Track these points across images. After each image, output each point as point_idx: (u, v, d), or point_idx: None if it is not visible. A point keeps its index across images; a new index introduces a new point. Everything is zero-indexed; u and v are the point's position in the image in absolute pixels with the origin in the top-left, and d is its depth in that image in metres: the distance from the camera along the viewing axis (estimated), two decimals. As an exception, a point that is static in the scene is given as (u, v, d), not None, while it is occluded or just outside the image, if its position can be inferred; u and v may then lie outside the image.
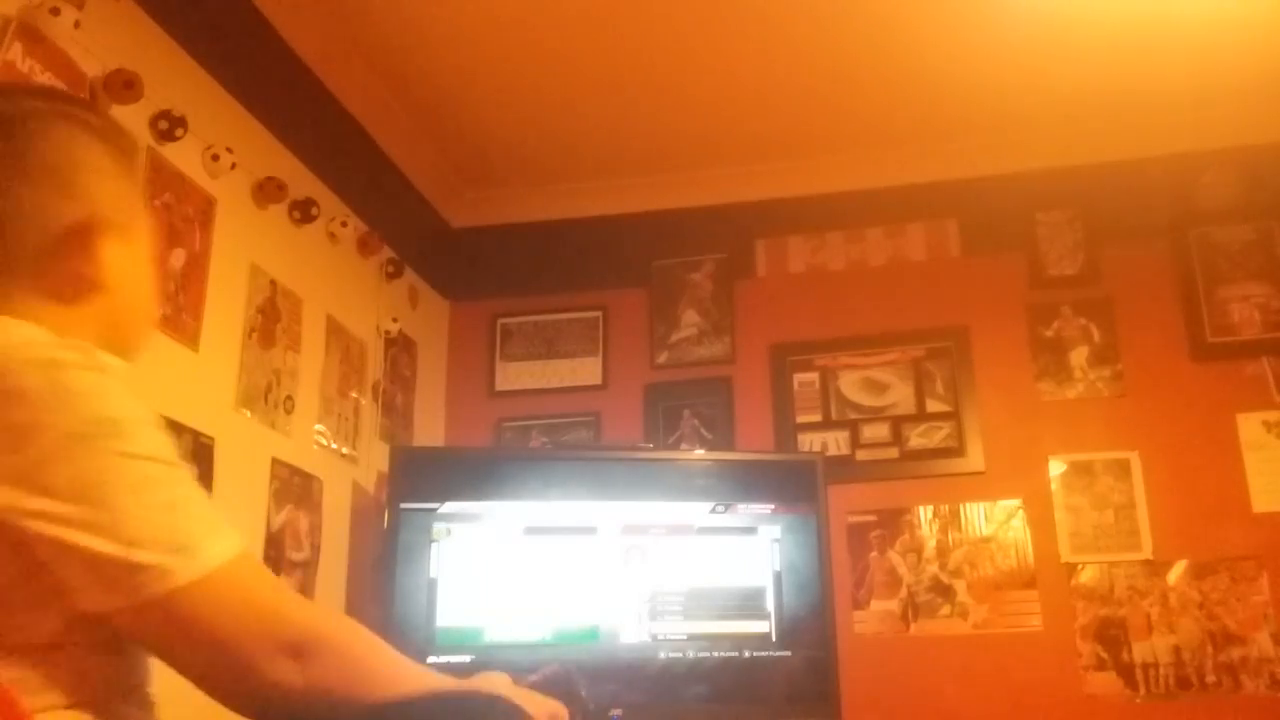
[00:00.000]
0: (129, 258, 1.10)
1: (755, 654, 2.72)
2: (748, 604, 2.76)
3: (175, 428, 2.23)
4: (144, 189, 1.12)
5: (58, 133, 1.05)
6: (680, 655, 2.69)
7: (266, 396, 2.58)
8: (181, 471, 0.95)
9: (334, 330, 2.92)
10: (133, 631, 0.93)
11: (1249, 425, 3.08)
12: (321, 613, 1.07)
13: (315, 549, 2.70)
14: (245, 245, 2.55)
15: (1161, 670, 2.96)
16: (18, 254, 1.01)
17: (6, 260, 1.00)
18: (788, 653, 2.73)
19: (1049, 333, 3.28)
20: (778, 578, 2.77)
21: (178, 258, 2.29)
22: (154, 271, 1.19)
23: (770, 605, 2.76)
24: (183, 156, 2.31)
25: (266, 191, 2.60)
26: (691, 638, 2.71)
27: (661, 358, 3.52)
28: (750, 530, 2.81)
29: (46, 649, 0.90)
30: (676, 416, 3.43)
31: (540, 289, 3.66)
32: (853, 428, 3.32)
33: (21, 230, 1.01)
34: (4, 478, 0.86)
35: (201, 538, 0.92)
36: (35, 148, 1.03)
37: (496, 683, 1.07)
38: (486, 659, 2.62)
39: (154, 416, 0.96)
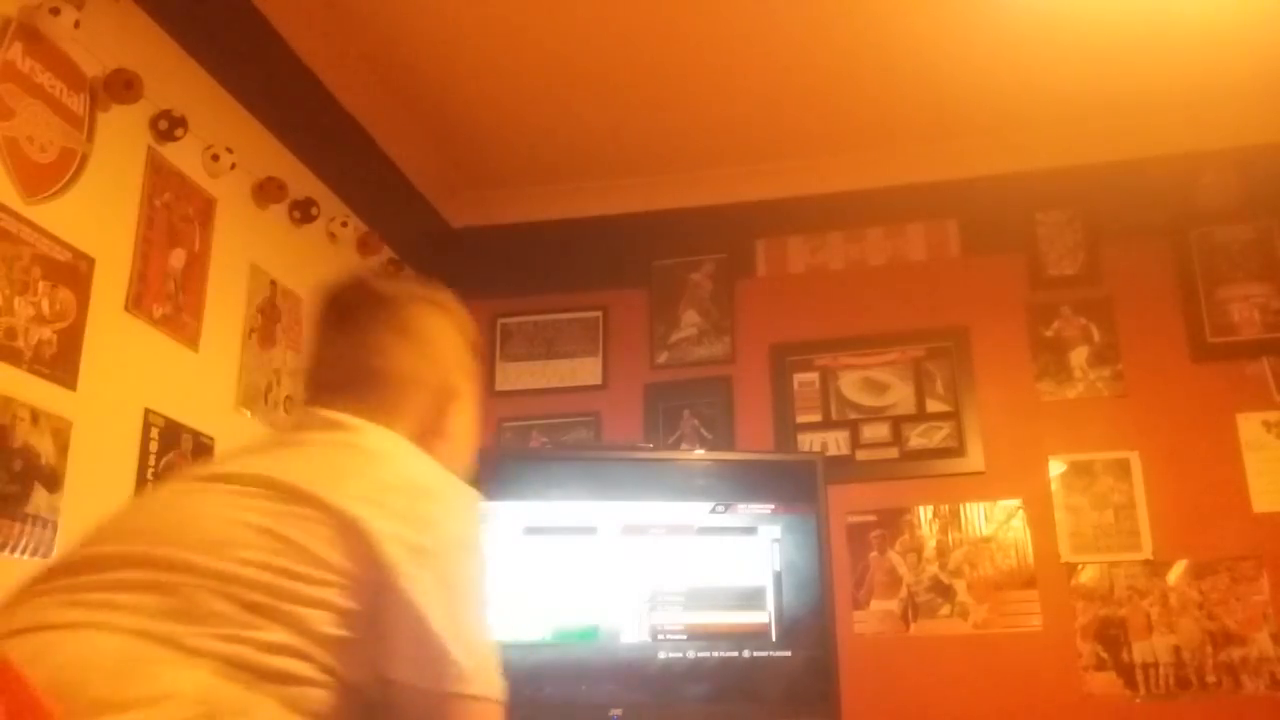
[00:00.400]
0: (465, 417, 1.43)
1: (755, 654, 2.72)
2: (748, 604, 2.75)
3: (175, 428, 2.23)
4: (476, 359, 1.51)
5: (428, 314, 1.40)
6: (680, 655, 2.69)
7: (266, 396, 2.58)
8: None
9: (334, 330, 2.92)
10: (398, 707, 1.12)
11: (1249, 425, 3.08)
12: None
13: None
14: (245, 245, 2.55)
15: (1161, 670, 2.96)
16: (398, 398, 1.33)
17: (394, 400, 1.33)
18: (788, 652, 2.72)
19: (1049, 333, 3.28)
20: (778, 577, 2.77)
21: (178, 258, 2.29)
22: (478, 426, 1.49)
23: (770, 605, 2.75)
24: (183, 156, 2.31)
25: (266, 191, 2.61)
26: (691, 637, 2.71)
27: (661, 358, 3.52)
28: (750, 530, 2.81)
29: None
30: (676, 416, 3.43)
31: (540, 289, 3.66)
32: (853, 428, 3.32)
33: (402, 382, 1.35)
34: (404, 545, 1.11)
35: (495, 670, 1.16)
36: (413, 324, 1.38)
37: None
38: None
39: None
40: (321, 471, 1.17)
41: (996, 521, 3.16)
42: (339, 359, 1.37)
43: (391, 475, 1.21)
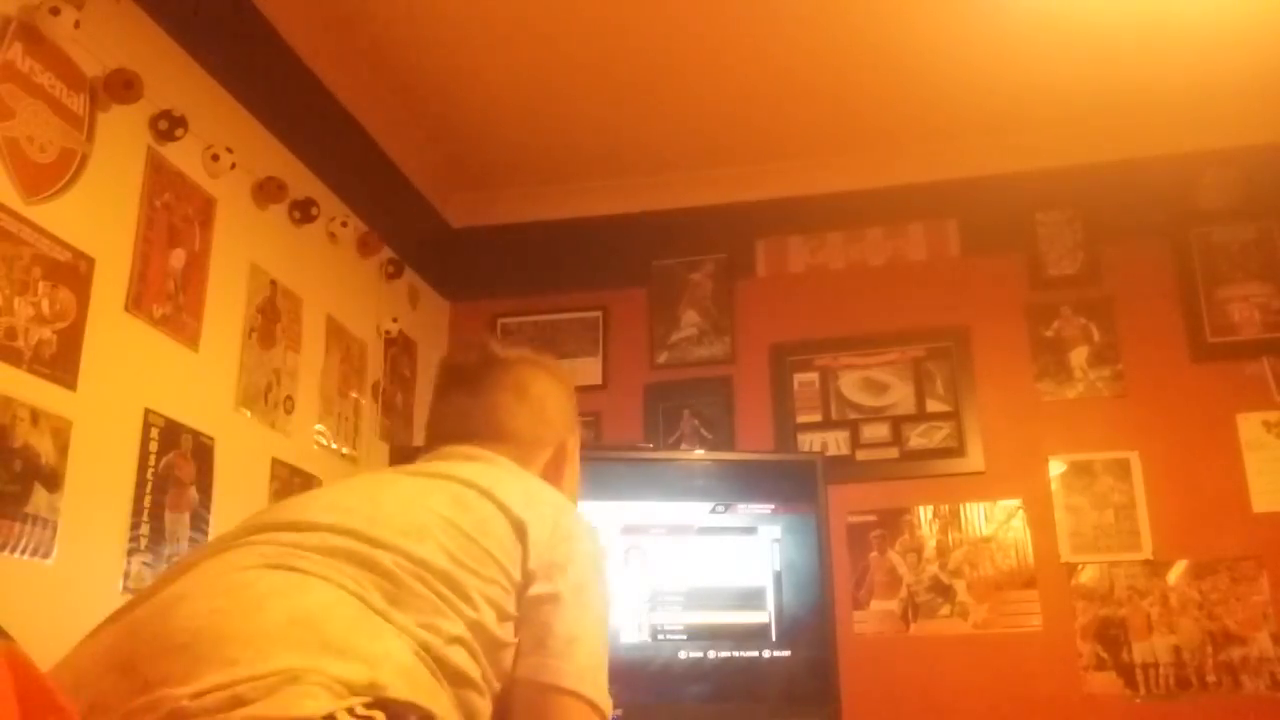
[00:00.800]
0: (573, 468, 1.58)
1: (755, 654, 2.71)
2: (748, 604, 2.75)
3: (175, 428, 2.23)
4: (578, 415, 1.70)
5: (540, 377, 1.57)
6: (680, 655, 2.69)
7: (266, 396, 2.58)
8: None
9: (334, 330, 2.92)
10: (511, 702, 1.19)
11: (1249, 425, 3.08)
12: None
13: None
14: (245, 245, 2.55)
15: (1161, 670, 2.96)
16: (522, 451, 1.48)
17: (519, 453, 1.47)
18: (788, 652, 2.72)
19: (1049, 333, 3.28)
20: (778, 577, 2.77)
21: (178, 258, 2.29)
22: (580, 476, 1.62)
23: (770, 605, 2.75)
24: (183, 156, 2.31)
25: (266, 191, 2.60)
26: (691, 637, 2.70)
27: (661, 358, 3.52)
28: (750, 530, 2.80)
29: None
30: (676, 416, 3.43)
31: (540, 289, 3.66)
32: (853, 428, 3.32)
33: (523, 438, 1.49)
34: (549, 552, 1.24)
35: (604, 682, 1.23)
36: (529, 388, 1.54)
37: None
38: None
39: None
40: (486, 475, 1.31)
41: (996, 521, 3.16)
42: (465, 415, 1.51)
43: (538, 487, 1.37)
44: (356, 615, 1.08)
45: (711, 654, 2.70)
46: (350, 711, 0.95)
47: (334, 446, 2.86)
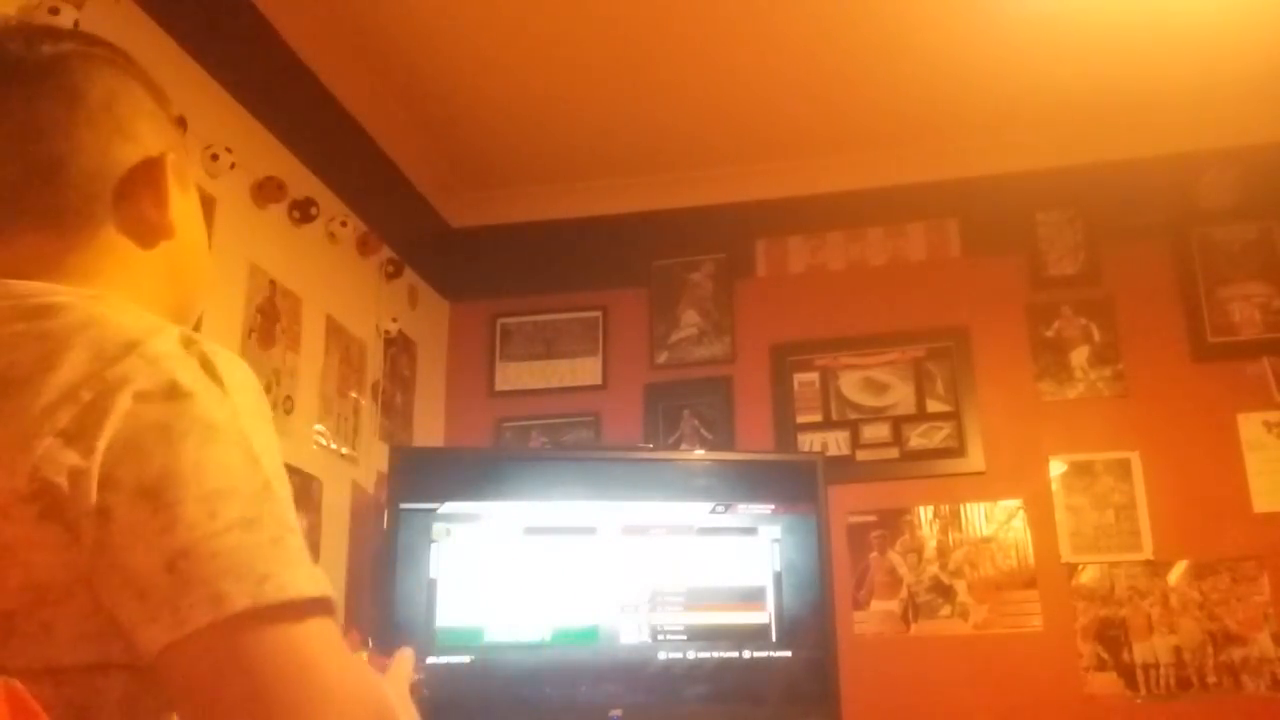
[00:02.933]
0: (188, 202, 1.02)
1: (755, 654, 2.72)
2: (748, 604, 2.75)
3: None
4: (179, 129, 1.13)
5: (105, 75, 0.97)
6: (680, 655, 2.69)
7: (266, 396, 2.58)
8: (277, 492, 0.81)
9: (333, 330, 2.92)
10: (180, 688, 0.76)
11: (1250, 425, 3.07)
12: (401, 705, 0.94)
13: (315, 549, 2.70)
14: (244, 245, 2.55)
15: (1162, 671, 2.96)
16: (91, 196, 0.93)
17: (84, 203, 0.93)
18: (788, 653, 2.72)
19: (1049, 333, 3.27)
20: (778, 578, 2.77)
21: (177, 257, 2.28)
22: (203, 222, 1.08)
23: (770, 605, 2.75)
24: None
25: (266, 191, 2.60)
26: (691, 638, 2.71)
27: (661, 358, 3.52)
28: (750, 530, 2.81)
29: None
30: (676, 416, 3.43)
31: (540, 289, 3.66)
32: (853, 428, 3.32)
33: (91, 173, 0.93)
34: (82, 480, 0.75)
35: (291, 563, 0.77)
36: (88, 90, 0.95)
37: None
38: (486, 659, 2.62)
39: (267, 418, 0.88)
40: None
41: (997, 522, 3.16)
42: None
43: (47, 399, 0.77)
44: None
45: (711, 654, 2.70)
46: None
47: (333, 447, 2.85)
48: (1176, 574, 3.02)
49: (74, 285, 0.89)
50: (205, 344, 0.84)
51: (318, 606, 0.77)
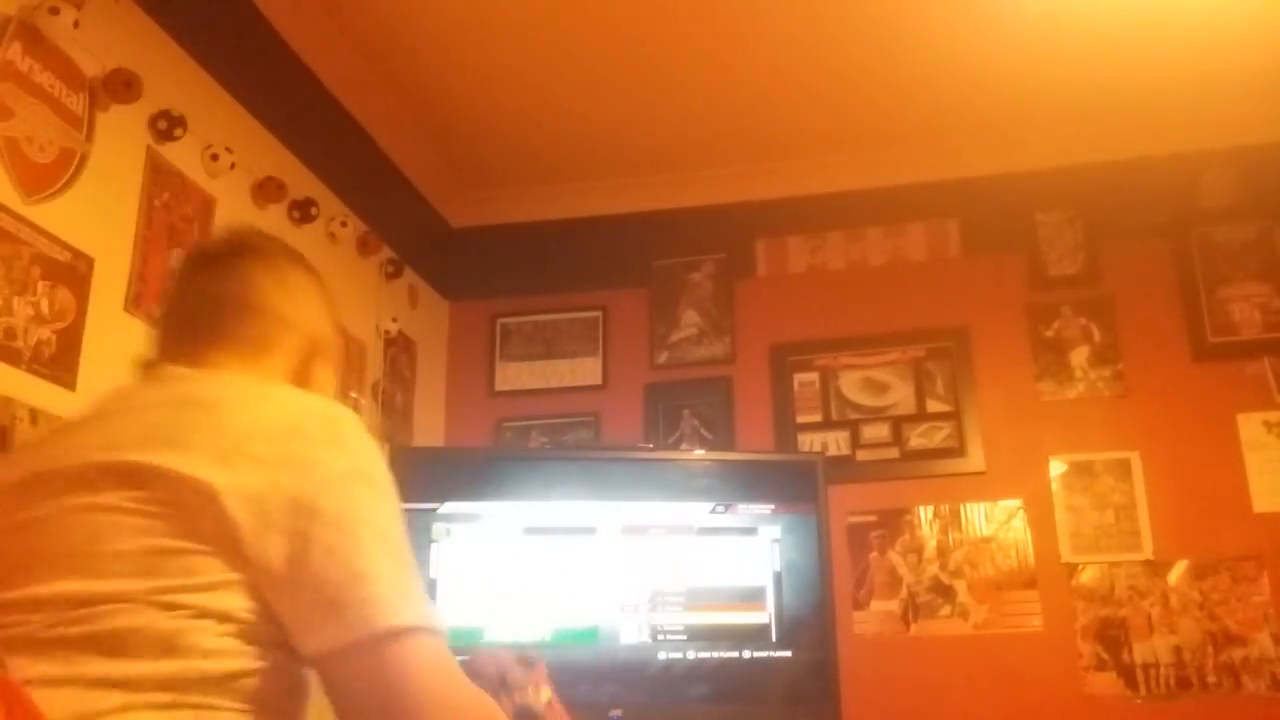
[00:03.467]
0: (327, 372, 1.41)
1: (755, 654, 2.71)
2: (748, 604, 2.75)
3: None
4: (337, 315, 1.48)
5: (297, 268, 1.37)
6: (680, 656, 2.68)
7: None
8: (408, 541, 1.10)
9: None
10: (334, 689, 1.01)
11: (1250, 425, 3.07)
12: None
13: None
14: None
15: (1162, 671, 2.96)
16: (272, 337, 1.29)
17: (267, 339, 1.29)
18: (788, 653, 2.72)
19: (1049, 333, 3.27)
20: (778, 578, 2.77)
21: (177, 258, 2.29)
22: (337, 381, 1.48)
23: (770, 605, 2.75)
24: (182, 156, 2.31)
25: (266, 191, 2.60)
26: (691, 638, 2.70)
27: (661, 358, 3.52)
28: (750, 530, 2.80)
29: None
30: (676, 416, 3.43)
31: (540, 289, 3.66)
32: (853, 428, 3.32)
33: (273, 318, 1.30)
34: (279, 501, 1.00)
35: (422, 600, 1.06)
36: (286, 274, 1.34)
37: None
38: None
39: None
40: (163, 434, 1.02)
41: (997, 522, 3.16)
42: (203, 296, 1.29)
43: (255, 418, 1.06)
44: (75, 713, 0.89)
45: (711, 655, 2.70)
46: None
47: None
48: (1176, 574, 3.02)
49: None
50: (350, 412, 1.15)
51: (439, 634, 1.03)
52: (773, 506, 2.82)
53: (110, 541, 0.95)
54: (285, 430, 1.05)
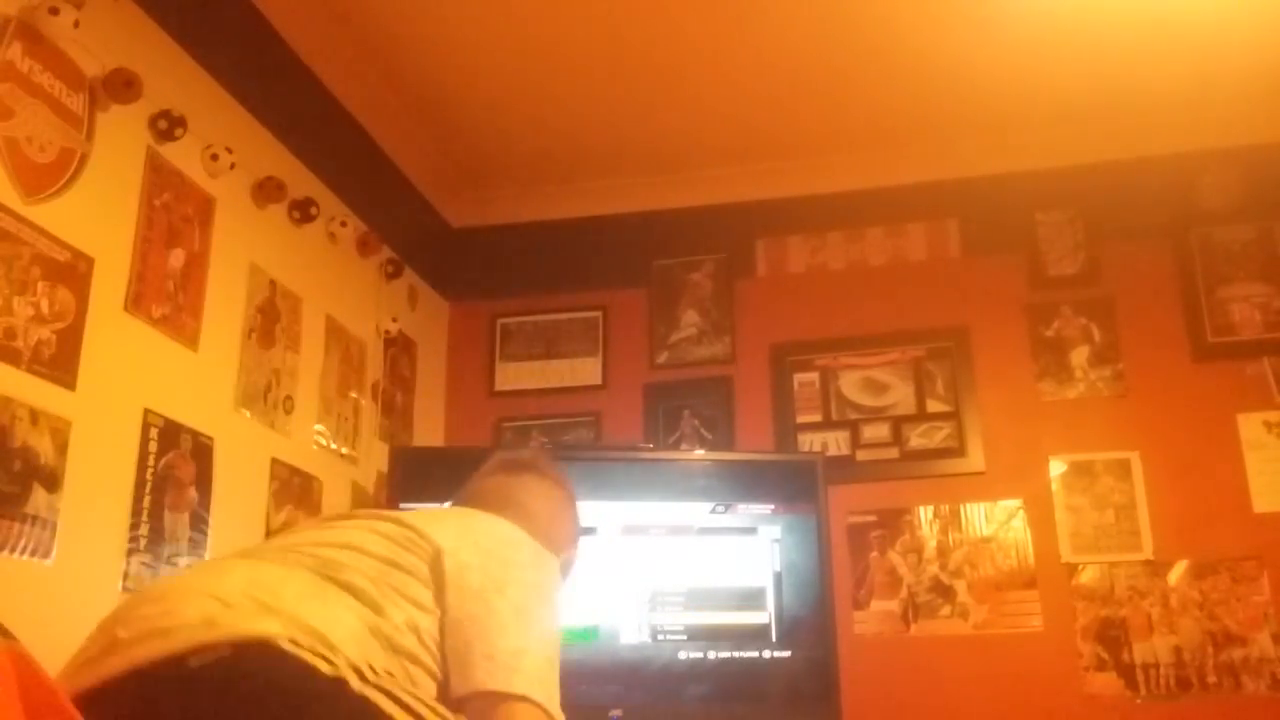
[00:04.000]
0: (570, 570, 1.81)
1: (755, 654, 2.71)
2: (748, 604, 2.75)
3: (174, 428, 2.23)
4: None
5: (564, 488, 1.87)
6: (680, 655, 2.69)
7: (266, 396, 2.58)
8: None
9: (333, 330, 2.92)
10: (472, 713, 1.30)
11: (1250, 425, 3.07)
12: None
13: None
14: (244, 245, 2.55)
15: (1162, 671, 2.96)
16: (548, 543, 1.63)
17: (544, 543, 1.60)
18: (788, 653, 2.72)
19: (1049, 333, 3.27)
20: (778, 578, 2.77)
21: (177, 258, 2.29)
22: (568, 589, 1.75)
23: (770, 605, 2.75)
24: (182, 156, 2.31)
25: (266, 191, 2.60)
26: (692, 638, 2.70)
27: (661, 358, 3.52)
28: (750, 530, 2.80)
29: None
30: (676, 416, 3.43)
31: (540, 289, 3.66)
32: (853, 428, 3.32)
33: (536, 517, 1.71)
34: (482, 573, 1.38)
35: (550, 686, 1.34)
36: (558, 493, 1.85)
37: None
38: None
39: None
40: (430, 520, 1.46)
41: (997, 522, 3.16)
42: (494, 489, 1.77)
43: (488, 527, 1.53)
44: (309, 587, 1.25)
45: (711, 654, 2.70)
46: (309, 650, 1.13)
47: (333, 446, 2.85)
48: (1176, 574, 3.02)
49: None
50: (560, 560, 1.65)
51: (550, 715, 1.32)
52: (773, 506, 2.82)
53: (374, 546, 1.37)
54: (505, 540, 1.50)
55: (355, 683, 1.12)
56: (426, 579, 1.34)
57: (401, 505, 2.71)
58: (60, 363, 1.93)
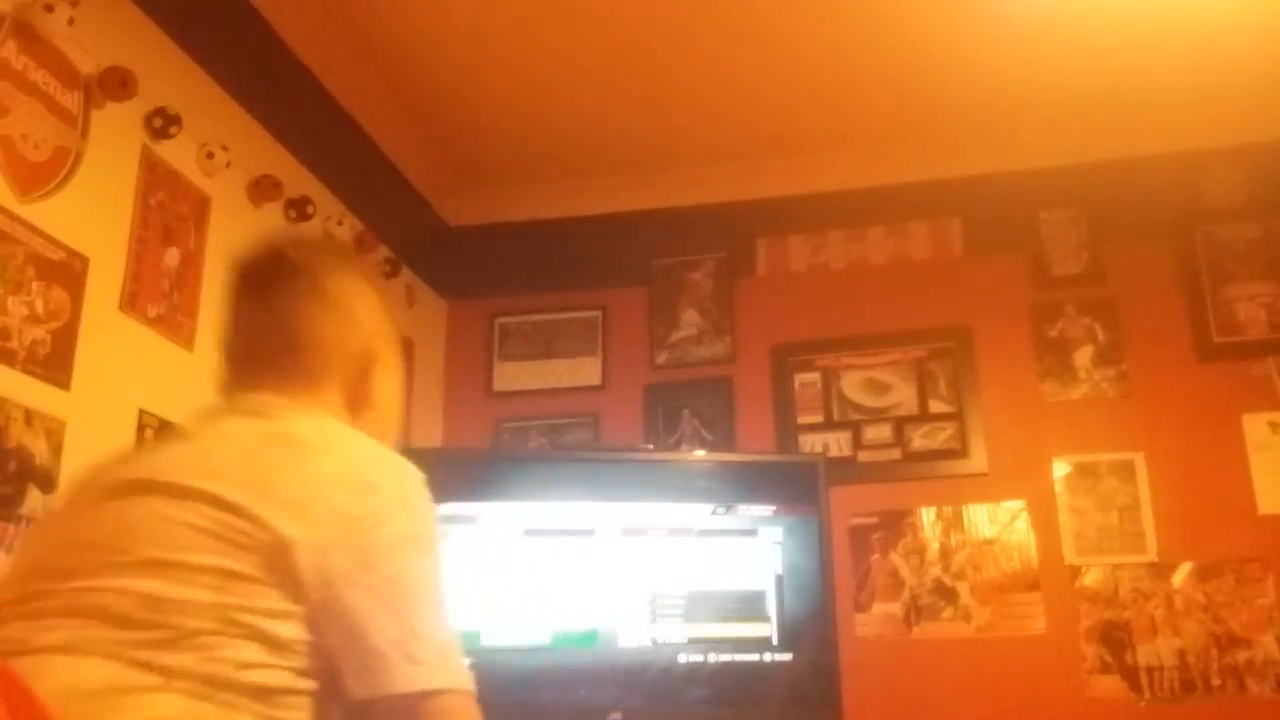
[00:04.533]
0: (390, 383, 1.38)
1: (756, 657, 2.69)
2: (749, 606, 2.73)
3: (169, 428, 2.21)
4: (397, 324, 1.47)
5: (344, 276, 1.36)
6: (680, 659, 2.67)
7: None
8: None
9: (331, 330, 2.90)
10: None
11: (1254, 426, 3.05)
12: None
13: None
14: (240, 244, 2.50)
15: (1166, 673, 2.94)
16: (323, 369, 1.30)
17: (320, 372, 1.29)
18: (789, 656, 2.70)
19: (1053, 333, 3.25)
20: (779, 580, 2.75)
21: (172, 257, 2.27)
22: (402, 396, 1.44)
23: (771, 608, 2.73)
24: (177, 154, 2.29)
25: (262, 190, 2.58)
26: (692, 641, 2.68)
27: (661, 358, 3.50)
28: (751, 532, 2.78)
29: None
30: (676, 417, 3.41)
31: (539, 288, 3.64)
32: (855, 429, 3.30)
33: (325, 350, 1.30)
34: (344, 553, 1.08)
35: (458, 662, 1.12)
36: (333, 291, 1.33)
37: None
38: (484, 663, 2.60)
39: None
40: (251, 473, 1.11)
41: (1000, 523, 3.14)
42: (260, 332, 1.33)
43: (330, 468, 1.14)
44: (109, 686, 0.98)
45: (712, 657, 2.68)
46: None
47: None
48: (1181, 576, 3.00)
49: None
50: (418, 471, 1.18)
51: (471, 695, 1.12)
52: (774, 508, 2.80)
53: (194, 554, 1.05)
54: (363, 484, 1.14)
55: None
56: (271, 579, 1.05)
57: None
58: (55, 363, 1.91)
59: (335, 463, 1.15)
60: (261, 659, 1.04)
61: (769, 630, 2.72)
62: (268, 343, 1.31)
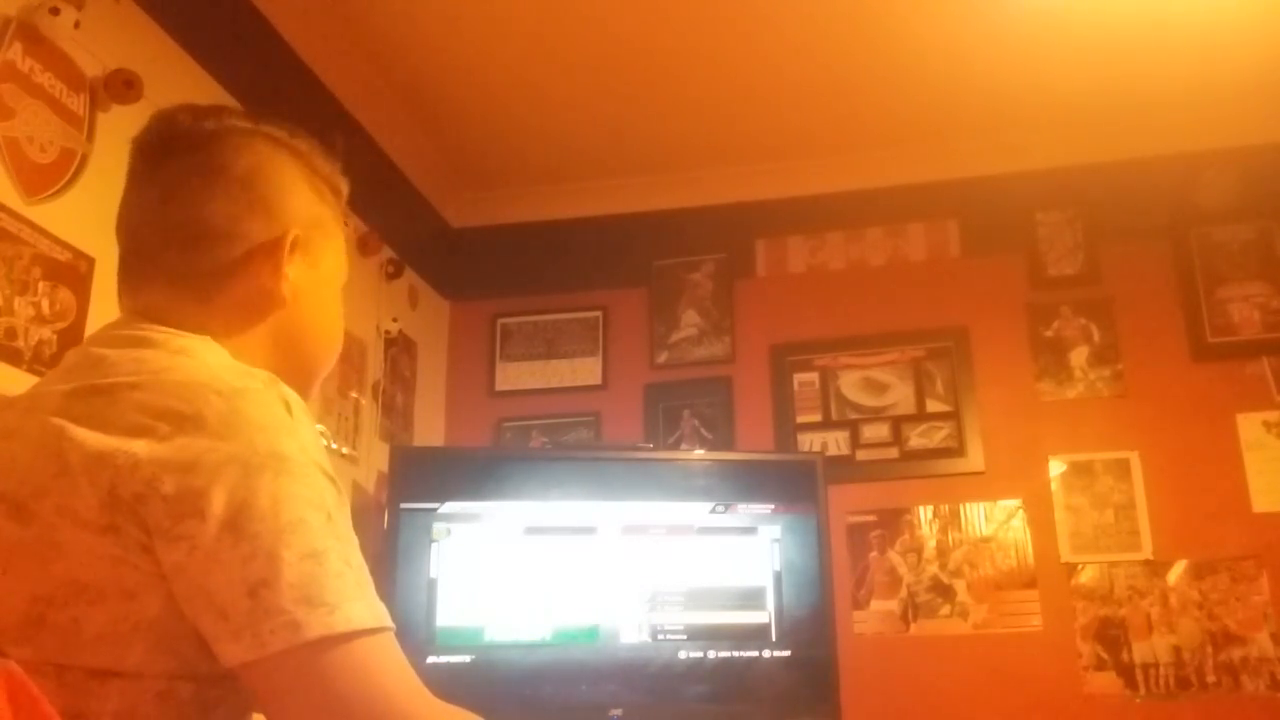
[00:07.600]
0: (314, 280, 1.11)
1: (755, 654, 2.71)
2: (748, 604, 2.75)
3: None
4: (344, 220, 1.22)
5: (256, 151, 1.08)
6: (680, 655, 2.69)
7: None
8: (339, 526, 0.89)
9: (334, 330, 2.91)
10: (264, 701, 0.86)
11: (1249, 425, 3.07)
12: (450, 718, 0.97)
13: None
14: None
15: (1161, 670, 2.96)
16: (217, 262, 1.04)
17: (210, 267, 1.03)
18: (788, 653, 2.72)
19: (1049, 333, 3.27)
20: (778, 578, 2.77)
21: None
22: (340, 306, 1.19)
23: (770, 605, 2.75)
24: (182, 156, 2.30)
25: (266, 191, 2.59)
26: (691, 638, 2.70)
27: (661, 358, 3.52)
28: (750, 530, 2.80)
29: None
30: (676, 416, 3.43)
31: (540, 289, 3.66)
32: (853, 428, 3.32)
33: (220, 241, 1.04)
34: (177, 497, 0.84)
35: (360, 596, 0.87)
36: (233, 163, 1.05)
37: None
38: (486, 659, 2.62)
39: (326, 461, 0.93)
40: (83, 409, 0.88)
41: (996, 521, 3.16)
42: (146, 224, 1.06)
43: (144, 400, 0.88)
44: None
45: (711, 654, 2.70)
46: None
47: (334, 446, 2.85)
48: (1176, 574, 3.02)
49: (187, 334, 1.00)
50: (282, 385, 0.94)
51: (380, 633, 0.88)
52: (773, 506, 2.82)
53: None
54: (180, 417, 0.87)
55: None
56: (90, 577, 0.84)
57: (401, 506, 2.71)
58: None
59: (148, 396, 0.89)
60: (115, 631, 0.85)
61: (768, 627, 2.74)
62: (154, 237, 1.04)
